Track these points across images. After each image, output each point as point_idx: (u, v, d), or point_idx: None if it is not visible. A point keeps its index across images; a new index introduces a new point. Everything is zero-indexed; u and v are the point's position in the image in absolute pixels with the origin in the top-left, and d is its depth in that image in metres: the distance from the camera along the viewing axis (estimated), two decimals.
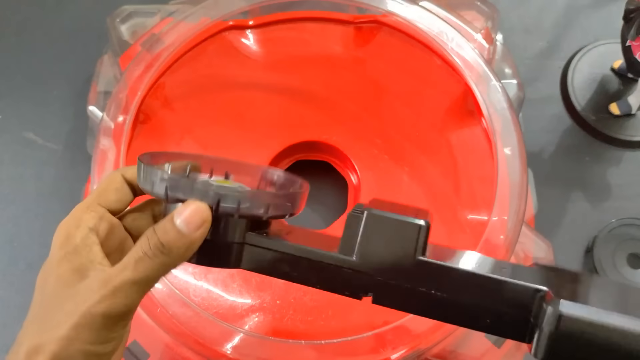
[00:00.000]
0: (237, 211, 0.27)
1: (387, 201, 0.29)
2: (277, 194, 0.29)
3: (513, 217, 0.51)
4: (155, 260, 0.26)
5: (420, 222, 0.27)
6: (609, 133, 0.67)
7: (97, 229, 0.29)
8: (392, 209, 0.28)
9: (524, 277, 0.25)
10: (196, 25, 0.60)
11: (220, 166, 0.32)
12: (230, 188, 0.28)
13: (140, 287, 0.26)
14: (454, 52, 0.59)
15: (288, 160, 0.62)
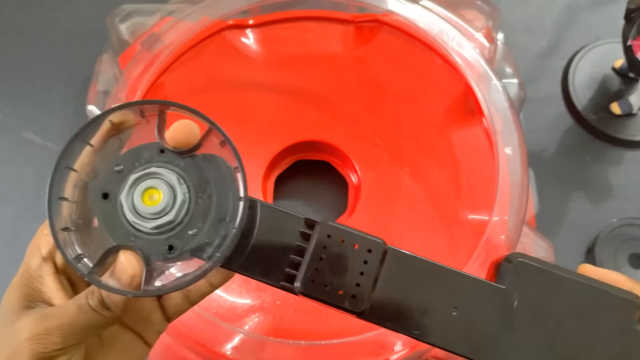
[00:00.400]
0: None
1: (336, 232, 0.27)
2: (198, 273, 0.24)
3: (514, 217, 0.51)
4: (96, 314, 0.25)
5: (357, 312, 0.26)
6: (610, 133, 0.67)
7: (52, 256, 0.28)
8: (337, 259, 0.26)
9: (471, 329, 0.26)
10: (196, 25, 0.60)
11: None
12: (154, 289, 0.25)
13: (76, 333, 0.25)
14: (454, 51, 0.59)
15: (288, 160, 0.62)
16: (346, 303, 0.26)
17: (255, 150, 0.59)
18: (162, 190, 0.25)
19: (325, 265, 0.26)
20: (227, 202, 0.25)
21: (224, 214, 0.25)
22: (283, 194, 0.62)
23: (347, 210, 0.60)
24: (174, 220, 0.25)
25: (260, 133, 0.60)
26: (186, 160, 0.26)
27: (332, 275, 0.26)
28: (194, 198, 0.25)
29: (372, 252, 0.26)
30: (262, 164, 0.59)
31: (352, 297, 0.26)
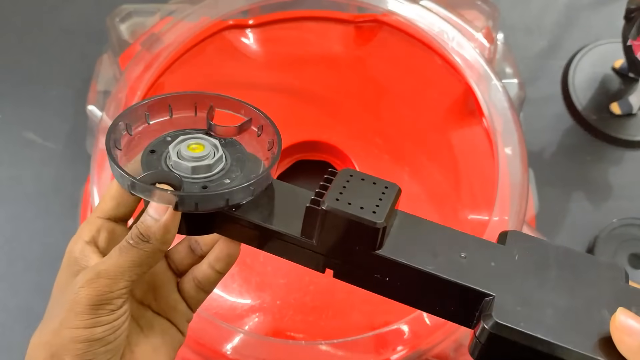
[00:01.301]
0: (196, 209, 0.28)
1: (357, 174, 0.29)
2: (235, 189, 0.29)
3: (514, 217, 0.51)
4: (138, 248, 0.28)
5: (377, 223, 0.27)
6: (610, 133, 0.67)
7: (95, 241, 0.30)
8: (359, 189, 0.28)
9: (479, 270, 0.28)
10: (196, 25, 0.60)
11: (203, 104, 0.33)
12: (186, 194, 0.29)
13: (123, 273, 0.28)
14: (454, 51, 0.59)
15: (288, 160, 0.62)
16: (367, 215, 0.27)
17: None
18: (204, 144, 0.30)
19: (348, 191, 0.28)
20: (255, 173, 0.30)
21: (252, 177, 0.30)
22: None
23: None
24: (212, 166, 0.30)
25: None
26: (228, 141, 0.32)
27: (354, 197, 0.28)
28: (229, 161, 0.31)
29: (388, 188, 0.29)
30: None
31: (373, 212, 0.27)
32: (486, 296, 0.27)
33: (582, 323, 0.26)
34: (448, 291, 0.27)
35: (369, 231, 0.27)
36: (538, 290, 0.27)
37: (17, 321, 0.58)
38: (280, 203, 0.30)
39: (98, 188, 0.52)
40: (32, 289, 0.59)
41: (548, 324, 0.26)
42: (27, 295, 0.59)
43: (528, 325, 0.25)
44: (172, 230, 0.28)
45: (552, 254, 0.28)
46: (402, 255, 0.28)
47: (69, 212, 0.62)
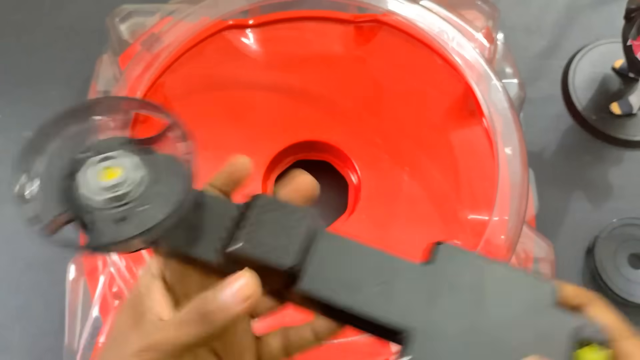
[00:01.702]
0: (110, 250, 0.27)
1: (271, 203, 0.28)
2: (152, 228, 0.26)
3: (514, 217, 0.51)
4: (198, 328, 0.26)
5: (285, 265, 0.26)
6: (610, 133, 0.67)
7: (163, 274, 0.29)
8: (271, 221, 0.27)
9: (401, 300, 0.26)
10: (196, 25, 0.60)
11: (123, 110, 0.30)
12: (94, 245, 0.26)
13: (177, 349, 0.26)
14: (454, 51, 0.59)
15: (288, 160, 0.62)
16: (277, 258, 0.26)
17: (255, 150, 0.59)
18: (121, 167, 0.27)
19: (260, 227, 0.27)
20: (177, 190, 0.27)
21: (173, 199, 0.27)
22: None
23: (347, 210, 0.60)
24: (129, 195, 0.26)
25: (260, 133, 0.60)
26: (147, 152, 0.28)
27: (267, 235, 0.27)
28: (149, 181, 0.27)
29: (303, 218, 0.27)
30: (262, 164, 0.59)
31: (284, 253, 0.26)
32: (406, 329, 0.26)
33: (499, 357, 0.25)
34: (370, 323, 0.27)
35: (280, 272, 0.26)
36: (461, 320, 0.26)
37: (18, 321, 0.58)
38: (207, 220, 0.28)
39: None
40: (32, 289, 0.59)
41: (466, 358, 0.25)
42: (27, 295, 0.59)
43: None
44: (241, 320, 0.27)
45: (480, 274, 0.27)
46: (319, 291, 0.27)
47: None
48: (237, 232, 0.27)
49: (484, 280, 0.27)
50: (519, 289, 0.26)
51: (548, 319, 0.26)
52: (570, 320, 0.26)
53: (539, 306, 0.26)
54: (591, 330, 0.25)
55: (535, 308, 0.26)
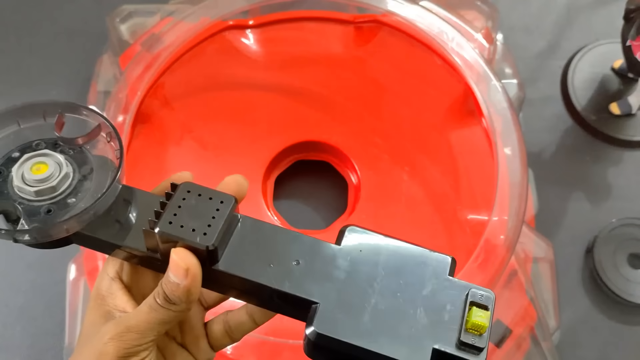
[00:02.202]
0: (38, 241, 0.29)
1: (195, 189, 0.30)
2: (72, 218, 0.28)
3: (513, 217, 0.51)
4: (165, 310, 0.29)
5: (207, 246, 0.28)
6: (609, 133, 0.67)
7: (119, 275, 0.31)
8: (194, 207, 0.29)
9: (310, 276, 0.29)
10: (196, 25, 0.60)
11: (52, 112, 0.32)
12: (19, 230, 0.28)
13: (152, 329, 0.29)
14: (454, 51, 0.59)
15: (288, 160, 0.62)
16: (198, 238, 0.28)
17: (256, 150, 0.60)
18: (48, 163, 0.29)
19: (182, 211, 0.28)
20: (104, 185, 0.29)
21: (100, 192, 0.29)
22: (283, 194, 0.62)
23: (347, 210, 0.60)
24: (56, 187, 0.29)
25: (261, 133, 0.61)
26: (77, 151, 0.31)
27: (188, 219, 0.28)
28: (77, 177, 0.30)
29: (224, 203, 0.29)
30: (262, 164, 0.59)
31: (204, 234, 0.28)
32: (312, 303, 0.28)
33: (398, 326, 0.27)
34: (282, 298, 0.29)
35: (201, 252, 0.28)
36: (362, 294, 0.28)
37: (18, 321, 0.58)
38: (137, 213, 0.30)
39: None
40: (33, 289, 0.59)
41: (365, 330, 0.27)
42: (27, 296, 0.59)
43: (345, 333, 0.26)
44: (196, 292, 0.28)
45: (383, 252, 0.29)
46: (236, 269, 0.29)
47: None
48: (160, 218, 0.28)
49: (385, 257, 0.29)
50: (418, 262, 0.29)
51: (444, 287, 0.28)
52: (462, 287, 0.28)
53: (435, 277, 0.28)
54: (477, 294, 0.27)
55: (432, 278, 0.28)
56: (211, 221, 0.28)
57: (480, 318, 0.26)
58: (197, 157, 0.59)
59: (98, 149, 0.31)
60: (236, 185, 0.31)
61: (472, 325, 0.26)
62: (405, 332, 0.27)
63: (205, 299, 0.34)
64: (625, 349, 0.58)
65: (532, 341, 0.51)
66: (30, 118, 0.31)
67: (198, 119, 0.61)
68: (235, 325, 0.32)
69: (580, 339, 0.58)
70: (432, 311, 0.27)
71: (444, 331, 0.26)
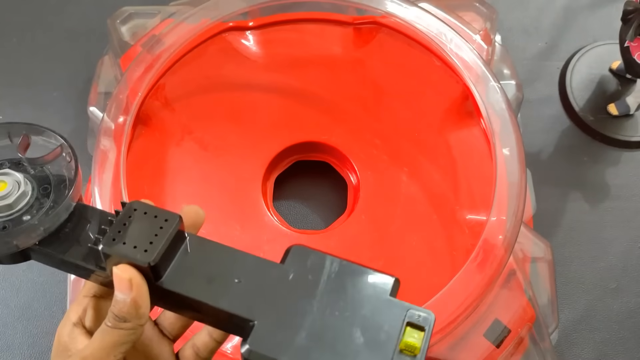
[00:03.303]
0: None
1: (141, 207, 0.30)
2: (15, 230, 0.29)
3: (512, 217, 0.51)
4: (117, 331, 0.29)
5: (147, 262, 0.28)
6: (607, 133, 0.68)
7: (82, 321, 0.31)
8: (138, 224, 0.29)
9: (249, 295, 0.29)
10: (196, 27, 0.60)
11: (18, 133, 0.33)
12: None
13: (108, 354, 0.28)
14: (452, 53, 0.59)
15: (288, 161, 0.62)
16: (138, 255, 0.28)
17: (255, 151, 0.60)
18: (7, 181, 0.31)
19: (126, 229, 0.29)
20: (61, 201, 0.31)
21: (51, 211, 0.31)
22: (283, 194, 0.63)
23: (347, 211, 0.60)
24: (12, 205, 0.30)
25: (260, 134, 0.61)
26: (39, 171, 0.32)
27: (131, 236, 0.29)
28: (34, 195, 0.31)
29: (168, 221, 0.29)
30: (262, 164, 0.59)
31: (144, 251, 0.28)
32: (249, 322, 0.28)
33: (335, 345, 0.27)
34: (220, 316, 0.29)
35: (144, 269, 0.28)
36: (301, 313, 0.28)
37: (19, 320, 0.58)
38: (85, 230, 0.31)
39: (99, 189, 0.52)
40: (33, 289, 0.60)
41: (300, 348, 0.27)
42: (28, 295, 0.59)
43: (279, 351, 0.27)
44: (144, 304, 0.29)
45: (326, 271, 0.29)
46: (178, 286, 0.29)
47: None
48: (104, 236, 0.29)
49: (327, 276, 0.29)
50: (360, 282, 0.29)
51: (383, 307, 0.28)
52: (401, 307, 0.28)
53: (376, 296, 0.28)
54: (415, 315, 0.27)
55: (373, 298, 0.28)
56: (154, 239, 0.29)
57: (414, 339, 0.26)
58: (198, 158, 0.60)
59: (60, 168, 0.32)
60: (194, 214, 0.32)
61: (405, 345, 0.26)
62: (341, 351, 0.27)
63: (169, 331, 0.34)
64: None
65: (530, 341, 0.51)
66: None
67: (198, 119, 0.61)
68: (202, 347, 0.33)
69: (579, 338, 0.58)
70: (370, 331, 0.27)
71: (379, 351, 0.26)
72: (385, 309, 0.28)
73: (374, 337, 0.27)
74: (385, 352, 0.26)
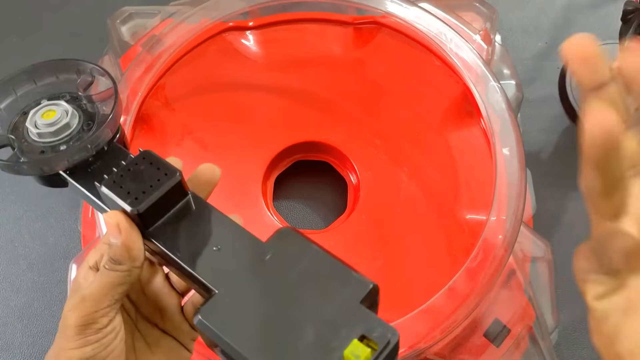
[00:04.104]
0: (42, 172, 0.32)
1: (152, 158, 0.31)
2: (52, 150, 0.31)
3: (512, 217, 0.51)
4: (112, 272, 0.30)
5: (131, 209, 0.29)
6: None
7: (97, 266, 0.32)
8: (141, 172, 0.31)
9: (222, 264, 0.29)
10: (196, 27, 0.60)
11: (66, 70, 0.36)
12: None
13: (106, 294, 0.30)
14: (452, 53, 0.59)
15: (288, 160, 0.62)
16: (128, 201, 0.29)
17: (255, 150, 0.60)
18: (56, 112, 0.32)
19: (129, 174, 0.30)
20: (88, 138, 0.32)
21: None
22: (283, 194, 0.63)
23: (347, 211, 0.60)
24: (55, 134, 0.32)
25: (260, 134, 0.61)
26: (90, 107, 0.34)
27: (129, 181, 0.30)
28: (77, 128, 0.33)
29: (167, 175, 0.30)
30: (262, 164, 0.59)
31: (135, 198, 0.29)
32: (211, 291, 0.28)
33: (284, 337, 0.26)
34: (191, 277, 0.29)
35: (134, 217, 0.29)
36: (265, 295, 0.27)
37: (19, 320, 0.58)
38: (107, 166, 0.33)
39: None
40: (34, 289, 0.60)
41: (246, 331, 0.26)
42: (28, 295, 0.60)
43: (224, 329, 0.26)
44: (135, 247, 0.30)
45: (306, 260, 0.28)
46: (159, 238, 0.30)
47: (70, 212, 0.63)
48: (108, 177, 0.30)
49: (306, 265, 0.28)
50: (336, 279, 0.27)
51: (348, 312, 0.26)
52: (366, 317, 0.26)
53: (347, 299, 0.27)
54: (375, 330, 0.25)
55: (343, 300, 0.27)
56: (148, 189, 0.29)
57: (354, 355, 0.24)
58: (198, 158, 0.60)
59: (107, 109, 0.34)
60: (210, 171, 0.33)
61: (345, 359, 0.24)
62: (284, 345, 0.25)
63: (178, 286, 0.35)
64: None
65: (530, 340, 0.52)
66: (65, 73, 0.35)
67: (198, 119, 0.61)
68: (198, 303, 0.33)
69: (579, 338, 0.58)
70: (324, 332, 0.25)
71: (322, 356, 0.25)
72: (349, 315, 0.26)
73: (325, 341, 0.25)
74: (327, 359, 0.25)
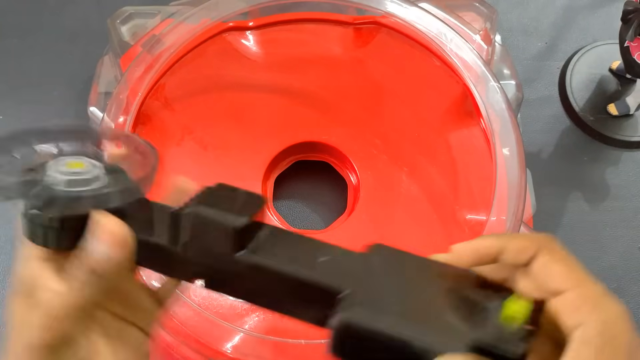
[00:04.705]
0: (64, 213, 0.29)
1: (221, 189, 0.31)
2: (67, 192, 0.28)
3: (511, 217, 0.51)
4: (89, 286, 0.26)
5: (237, 223, 0.28)
6: (607, 133, 0.68)
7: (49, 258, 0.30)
8: (220, 201, 0.30)
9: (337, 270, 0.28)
10: (196, 27, 0.60)
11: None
12: None
13: (78, 311, 0.26)
14: (452, 53, 0.59)
15: (288, 161, 0.62)
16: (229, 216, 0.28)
17: (255, 151, 0.60)
18: (84, 163, 0.30)
19: (214, 197, 0.30)
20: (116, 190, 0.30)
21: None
22: (283, 194, 0.63)
23: (347, 211, 0.60)
24: (77, 182, 0.29)
25: (260, 134, 0.61)
26: (114, 168, 0.31)
27: (220, 203, 0.29)
28: (102, 183, 0.30)
29: (256, 199, 0.31)
30: (262, 164, 0.59)
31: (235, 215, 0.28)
32: (339, 293, 0.27)
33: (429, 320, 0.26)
34: (307, 291, 0.28)
35: (229, 232, 0.28)
36: (393, 293, 0.27)
37: None
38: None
39: None
40: None
41: (398, 321, 0.26)
42: None
43: (376, 322, 0.26)
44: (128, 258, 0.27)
45: (408, 264, 0.29)
46: (261, 259, 0.28)
47: None
48: (181, 211, 0.29)
49: (415, 270, 0.28)
50: (444, 276, 0.28)
51: (469, 299, 0.27)
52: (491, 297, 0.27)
53: (460, 289, 0.27)
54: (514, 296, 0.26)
55: (457, 290, 0.27)
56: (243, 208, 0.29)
57: (513, 311, 0.25)
58: (198, 158, 0.60)
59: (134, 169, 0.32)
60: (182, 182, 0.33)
61: (505, 317, 0.25)
62: (436, 326, 0.26)
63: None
64: None
65: None
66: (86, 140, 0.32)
67: (198, 119, 0.61)
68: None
69: None
70: (466, 310, 0.26)
71: (482, 320, 0.25)
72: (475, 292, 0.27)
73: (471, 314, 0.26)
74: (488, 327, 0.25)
